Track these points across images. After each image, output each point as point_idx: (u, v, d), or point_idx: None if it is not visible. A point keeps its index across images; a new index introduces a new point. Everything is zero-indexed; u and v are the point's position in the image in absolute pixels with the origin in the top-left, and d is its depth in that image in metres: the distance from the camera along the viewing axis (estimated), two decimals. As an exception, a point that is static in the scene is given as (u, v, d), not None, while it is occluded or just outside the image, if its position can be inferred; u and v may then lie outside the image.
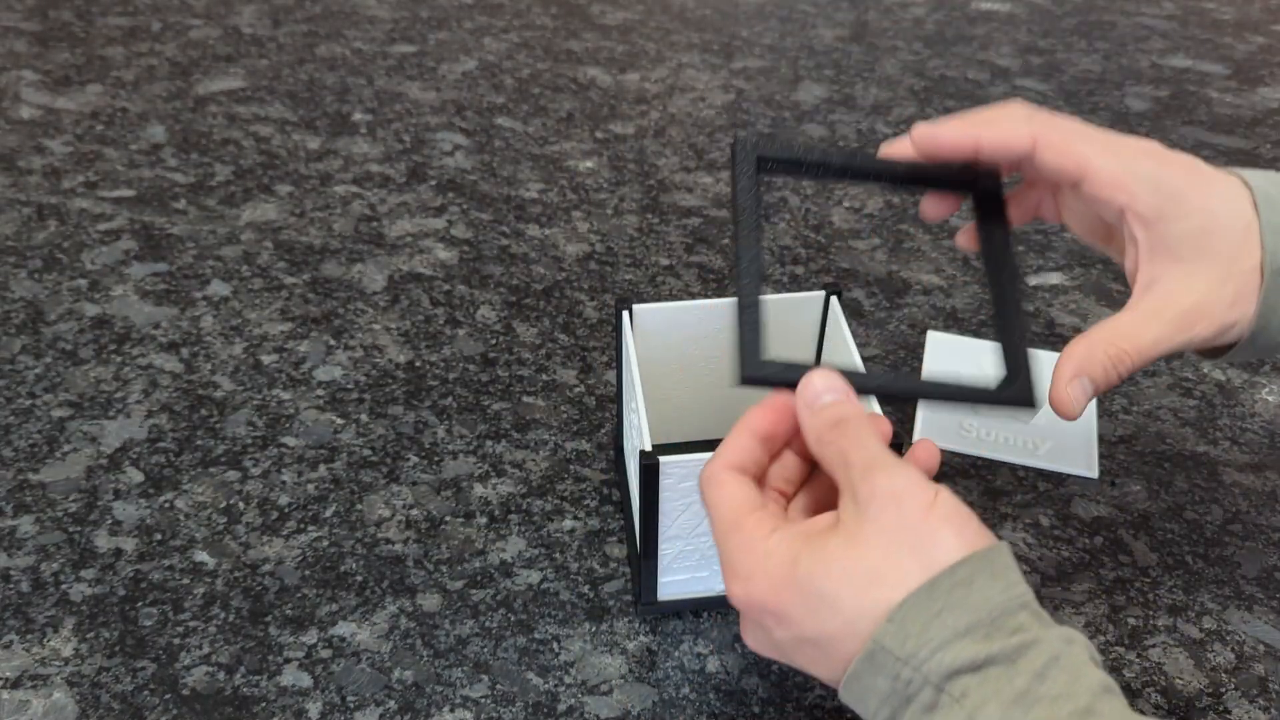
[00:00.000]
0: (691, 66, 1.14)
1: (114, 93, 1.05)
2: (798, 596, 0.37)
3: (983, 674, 0.34)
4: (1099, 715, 0.33)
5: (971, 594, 0.35)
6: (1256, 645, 0.57)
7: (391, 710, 0.52)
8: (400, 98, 1.06)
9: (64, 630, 0.56)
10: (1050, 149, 0.45)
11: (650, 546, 0.53)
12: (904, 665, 0.35)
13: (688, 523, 0.53)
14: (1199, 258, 0.44)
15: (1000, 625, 0.35)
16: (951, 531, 0.36)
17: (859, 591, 0.36)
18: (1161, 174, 0.45)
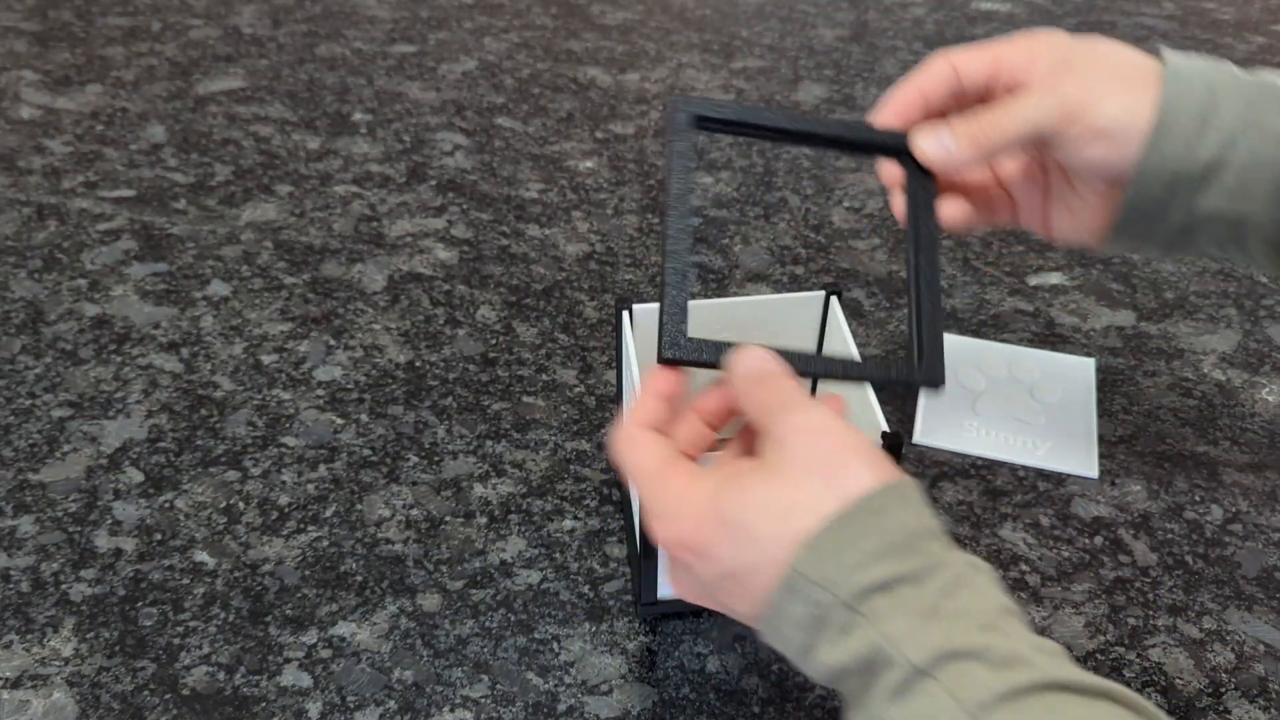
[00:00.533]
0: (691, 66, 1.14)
1: (114, 93, 1.05)
2: (719, 529, 0.39)
3: (893, 593, 0.36)
4: (1000, 631, 0.35)
5: (884, 520, 0.37)
6: (1256, 645, 0.57)
7: (391, 710, 0.52)
8: (400, 98, 1.06)
9: (64, 630, 0.56)
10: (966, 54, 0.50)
11: (650, 546, 0.53)
12: (819, 589, 0.36)
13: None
14: (1090, 71, 0.48)
15: (911, 548, 0.36)
16: (863, 463, 0.38)
17: (776, 520, 0.38)
18: (1066, 48, 0.50)
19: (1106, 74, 0.47)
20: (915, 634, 0.35)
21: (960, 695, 0.33)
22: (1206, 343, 0.77)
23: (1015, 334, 0.77)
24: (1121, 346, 0.76)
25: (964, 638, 0.35)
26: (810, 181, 0.95)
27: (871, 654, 0.35)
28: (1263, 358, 0.76)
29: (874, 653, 0.35)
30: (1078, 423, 0.69)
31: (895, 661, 0.35)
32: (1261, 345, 0.77)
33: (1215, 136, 0.45)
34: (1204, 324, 0.78)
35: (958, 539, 0.62)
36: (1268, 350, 0.77)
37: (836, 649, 0.36)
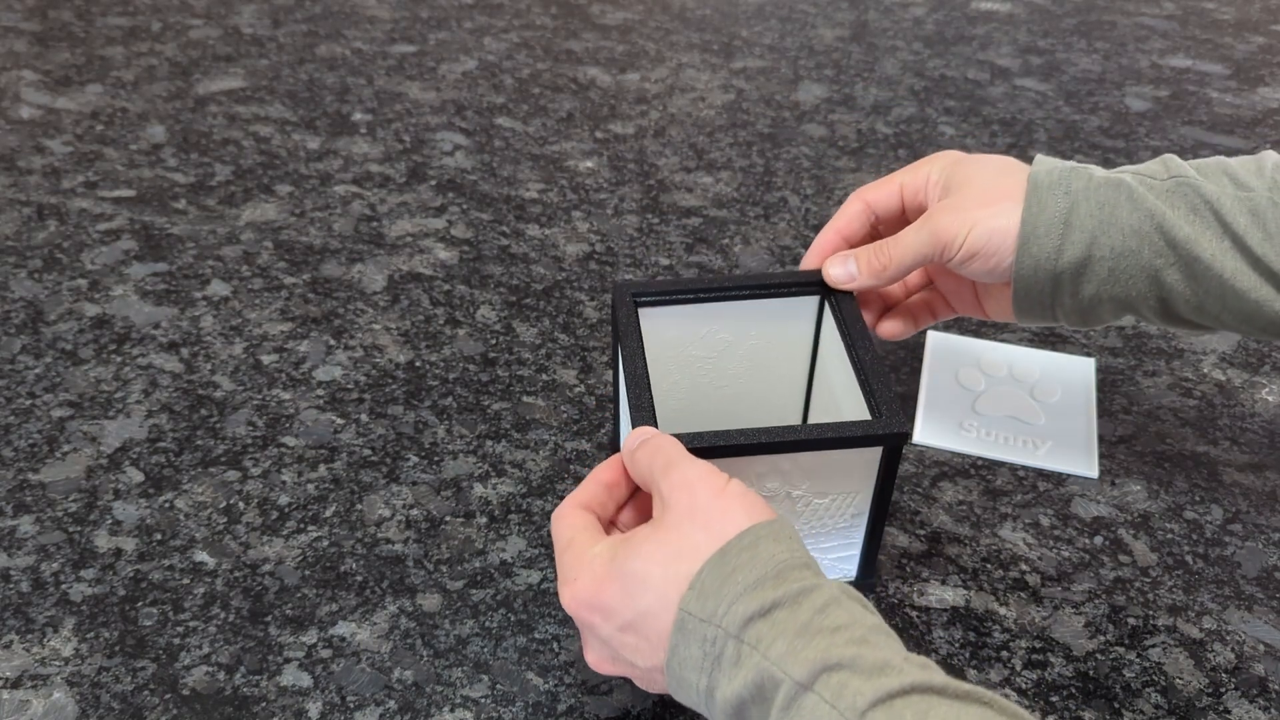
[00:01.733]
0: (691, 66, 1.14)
1: (114, 93, 1.05)
2: (615, 582, 0.42)
3: (771, 618, 0.39)
4: (871, 644, 0.38)
5: (757, 554, 0.40)
6: (1256, 645, 0.57)
7: (391, 710, 0.52)
8: (400, 98, 1.06)
9: (64, 630, 0.56)
10: (877, 190, 0.58)
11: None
12: (708, 625, 0.39)
13: None
14: (964, 196, 0.54)
15: (784, 576, 0.40)
16: (740, 508, 0.42)
17: (665, 566, 0.41)
18: (950, 172, 0.56)
19: (977, 197, 0.54)
20: (795, 652, 0.37)
21: (838, 704, 0.36)
22: (1206, 343, 0.77)
23: (1015, 334, 0.77)
24: (1121, 346, 0.76)
25: (838, 651, 0.37)
26: (810, 181, 0.95)
27: (760, 679, 0.38)
28: (1263, 358, 0.76)
29: (762, 677, 0.38)
30: (1078, 423, 0.69)
31: (780, 681, 0.37)
32: (1261, 345, 0.77)
33: (1078, 237, 0.52)
34: (1204, 324, 0.78)
35: (958, 539, 0.62)
36: (1267, 350, 0.77)
37: (733, 682, 0.39)
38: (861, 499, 0.53)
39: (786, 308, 0.60)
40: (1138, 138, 1.02)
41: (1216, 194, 0.51)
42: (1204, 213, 0.51)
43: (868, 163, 0.98)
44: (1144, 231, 0.51)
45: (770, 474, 0.51)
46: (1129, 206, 0.52)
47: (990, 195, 0.54)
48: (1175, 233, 0.51)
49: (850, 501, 0.53)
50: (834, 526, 0.55)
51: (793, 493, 0.52)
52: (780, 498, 0.53)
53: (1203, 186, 0.51)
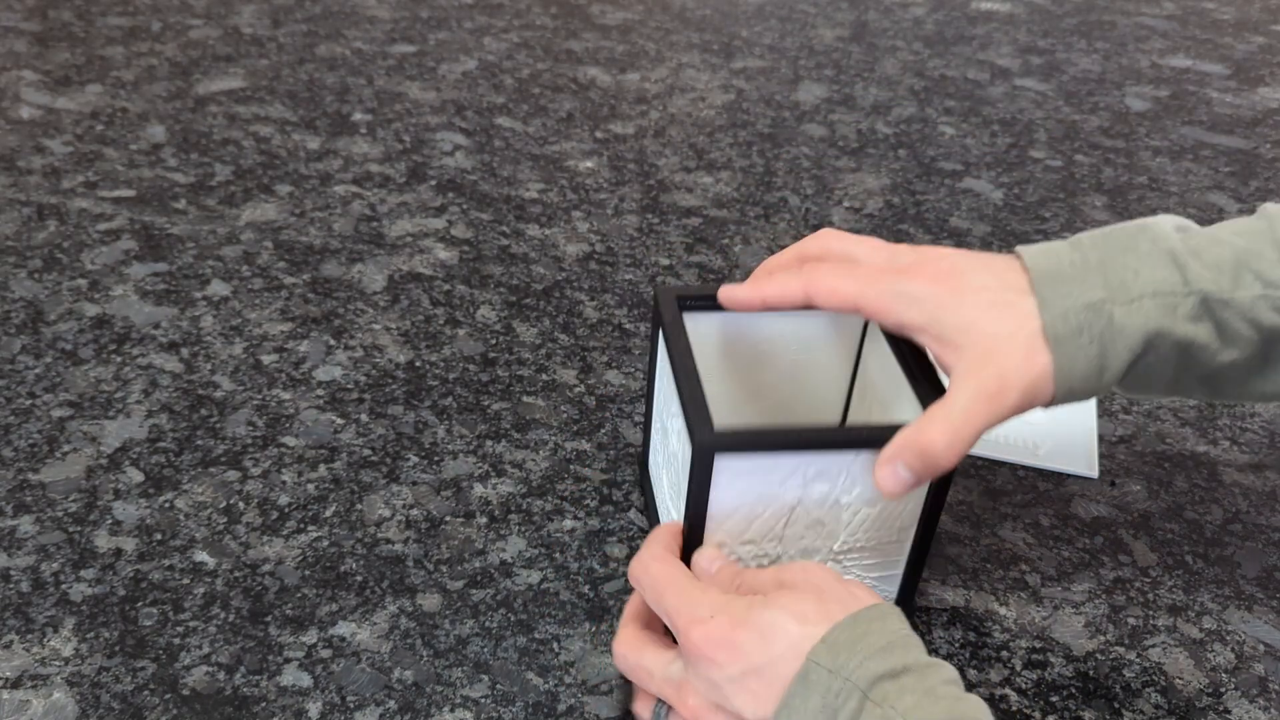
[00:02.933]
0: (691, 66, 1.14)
1: (114, 93, 1.05)
2: (754, 629, 0.44)
3: (899, 681, 0.41)
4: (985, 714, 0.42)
5: (887, 625, 0.44)
6: (1256, 645, 0.57)
7: (391, 710, 0.52)
8: (400, 98, 1.06)
9: (64, 630, 0.56)
10: (820, 296, 0.51)
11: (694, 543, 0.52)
12: (835, 677, 0.42)
13: (735, 527, 0.52)
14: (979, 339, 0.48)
15: (910, 647, 0.43)
16: (864, 589, 0.47)
17: (801, 624, 0.44)
18: (920, 288, 0.49)
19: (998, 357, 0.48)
20: (923, 707, 0.40)
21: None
22: (1206, 343, 0.77)
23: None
24: (1121, 346, 0.76)
25: (967, 712, 0.41)
26: (810, 181, 0.95)
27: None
28: (1263, 358, 0.76)
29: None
30: (1078, 423, 0.69)
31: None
32: (1261, 345, 0.77)
33: (1112, 372, 0.48)
34: (1204, 324, 0.78)
35: (958, 539, 0.62)
36: (1268, 350, 0.76)
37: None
38: (910, 512, 0.52)
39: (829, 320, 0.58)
40: (1138, 138, 1.02)
41: (1250, 305, 0.48)
42: (1239, 336, 0.48)
43: (868, 163, 0.98)
44: (1178, 360, 0.49)
45: (821, 478, 0.50)
46: (1159, 346, 0.48)
47: (1009, 348, 0.48)
48: (1210, 361, 0.49)
49: (899, 513, 0.52)
50: (880, 540, 0.54)
51: (842, 499, 0.51)
52: (829, 504, 0.51)
53: (1232, 301, 0.48)
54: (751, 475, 0.49)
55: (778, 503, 0.51)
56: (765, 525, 0.52)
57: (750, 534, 0.52)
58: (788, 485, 0.50)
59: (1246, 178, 0.98)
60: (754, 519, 0.51)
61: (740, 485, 0.49)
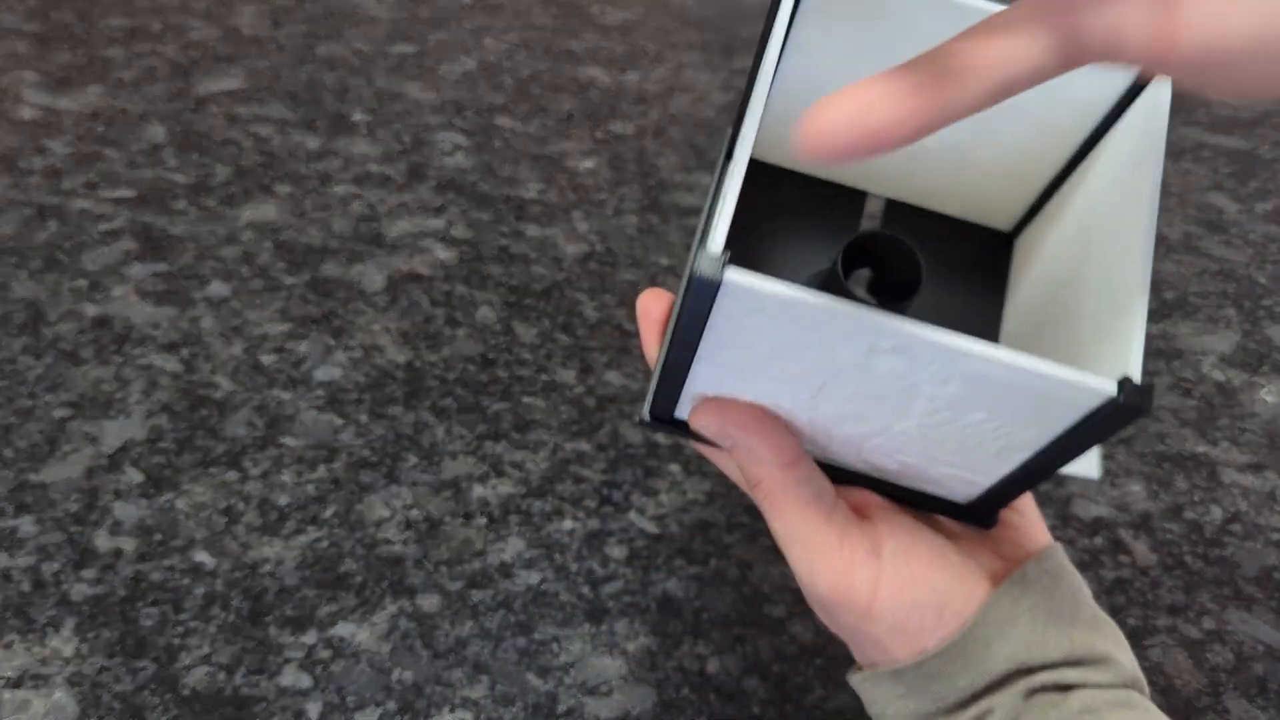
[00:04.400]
0: (691, 66, 1.14)
1: (114, 93, 1.05)
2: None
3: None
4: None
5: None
6: (1256, 645, 0.57)
7: (391, 711, 0.52)
8: (400, 98, 1.06)
9: (64, 630, 0.56)
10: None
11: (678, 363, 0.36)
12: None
13: (738, 357, 0.35)
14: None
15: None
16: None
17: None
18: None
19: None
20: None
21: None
22: (1206, 343, 0.77)
23: (1015, 334, 0.77)
24: (1121, 346, 0.76)
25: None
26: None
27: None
28: (1262, 358, 0.76)
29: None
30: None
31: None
32: (1261, 346, 0.77)
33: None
34: (1204, 324, 0.78)
35: (957, 539, 0.62)
36: (1267, 350, 0.77)
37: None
38: (1031, 439, 0.34)
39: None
40: (1138, 138, 1.02)
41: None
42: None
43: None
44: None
45: (898, 354, 0.32)
46: None
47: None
48: None
49: (1012, 432, 0.34)
50: (968, 448, 0.36)
51: (924, 388, 0.33)
52: (902, 387, 0.33)
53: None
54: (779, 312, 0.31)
55: (817, 358, 0.33)
56: (791, 373, 0.35)
57: (766, 378, 0.36)
58: (840, 345, 0.32)
59: (1246, 178, 0.98)
60: (774, 362, 0.35)
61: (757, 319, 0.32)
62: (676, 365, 0.35)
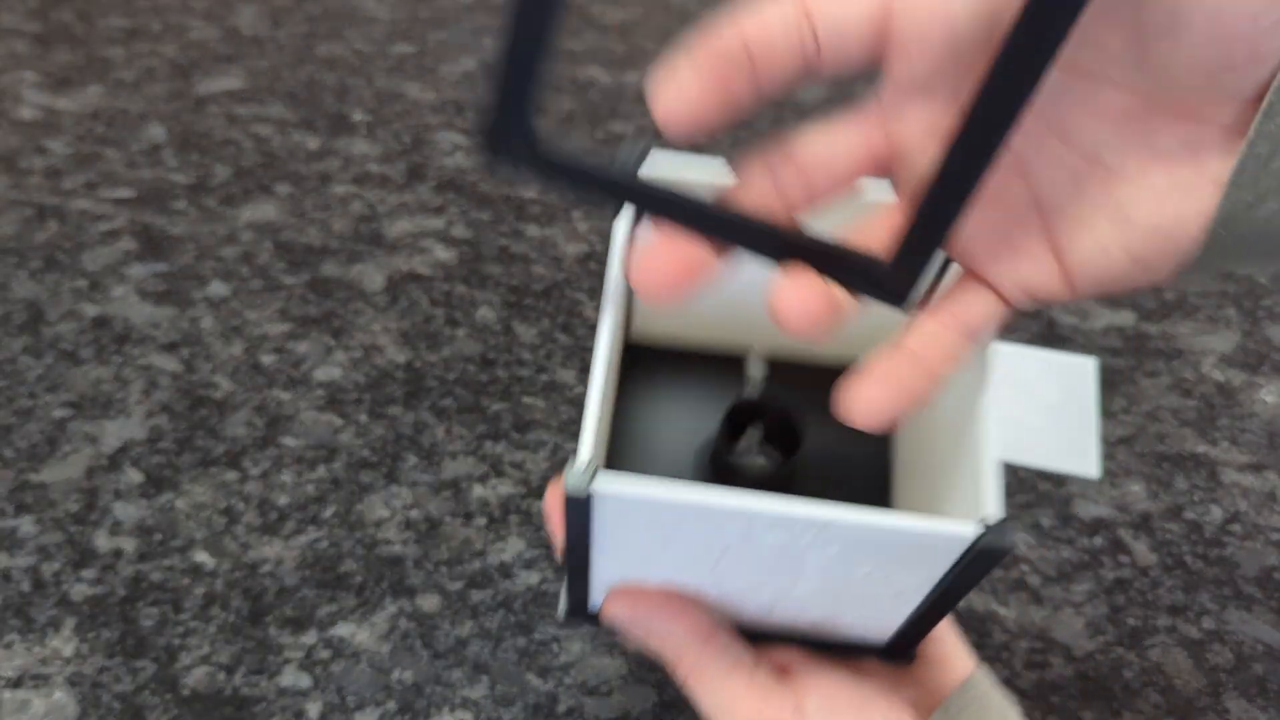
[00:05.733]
0: (691, 66, 1.14)
1: (114, 93, 1.05)
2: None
3: None
4: None
5: None
6: (1256, 645, 0.57)
7: (391, 711, 0.52)
8: (400, 98, 1.06)
9: (64, 630, 0.56)
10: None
11: (578, 560, 0.38)
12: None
13: (630, 553, 0.37)
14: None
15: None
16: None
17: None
18: None
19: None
20: None
21: None
22: (1206, 343, 0.77)
23: (1015, 334, 0.77)
24: (1121, 346, 0.76)
25: None
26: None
27: None
28: (1262, 358, 0.76)
29: None
30: (1078, 423, 0.69)
31: None
32: (1261, 346, 0.77)
33: None
34: (1204, 324, 0.78)
35: (957, 539, 0.62)
36: (1267, 350, 0.77)
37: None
38: (919, 582, 0.36)
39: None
40: (1138, 137, 1.02)
41: None
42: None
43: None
44: None
45: (776, 529, 0.34)
46: None
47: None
48: None
49: (903, 579, 0.36)
50: (865, 600, 0.38)
51: (809, 554, 0.35)
52: (789, 555, 0.35)
53: None
54: (651, 514, 0.34)
55: (700, 545, 0.35)
56: (683, 560, 0.37)
57: (662, 564, 0.38)
58: (718, 534, 0.34)
59: (1246, 177, 0.98)
60: (663, 551, 0.37)
61: (633, 525, 0.35)
62: (577, 565, 0.36)
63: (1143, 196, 0.27)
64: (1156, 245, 0.27)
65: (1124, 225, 0.28)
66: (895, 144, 0.30)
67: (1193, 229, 0.27)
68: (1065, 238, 0.29)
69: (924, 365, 0.30)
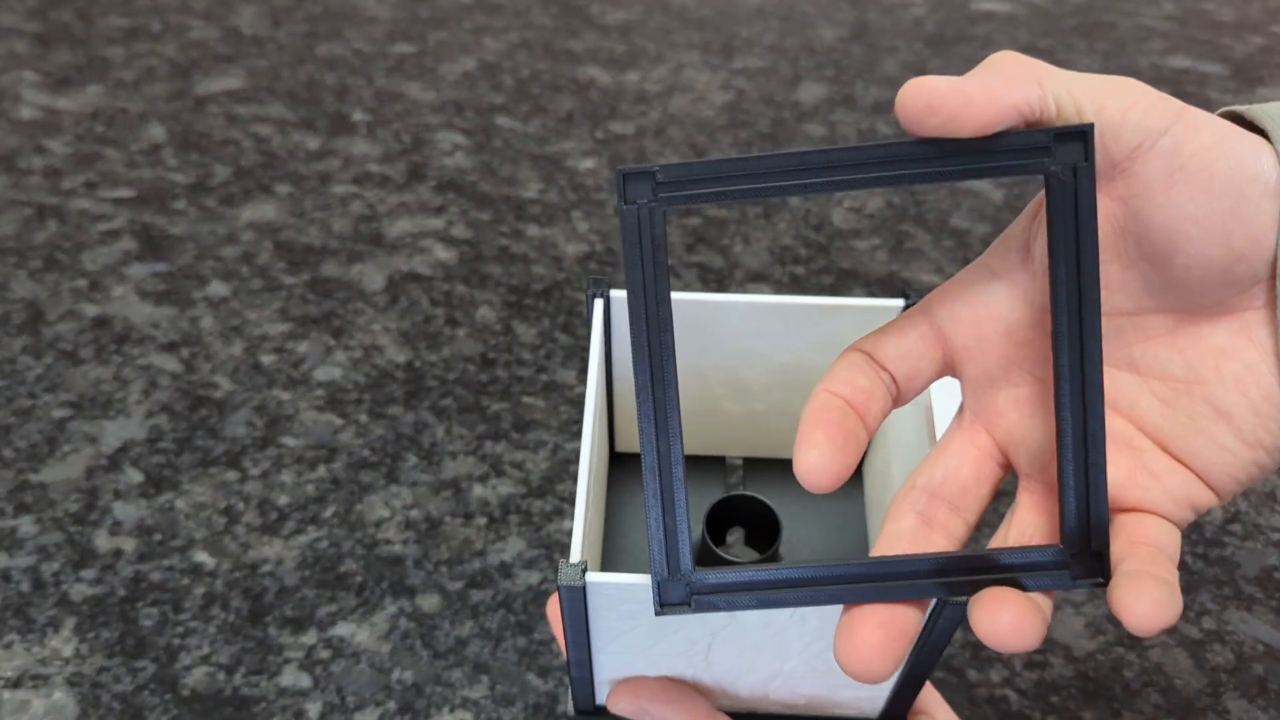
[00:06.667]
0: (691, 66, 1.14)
1: (114, 93, 1.05)
2: None
3: None
4: None
5: None
6: (1256, 645, 0.57)
7: (391, 711, 0.52)
8: (400, 98, 1.06)
9: (64, 630, 0.56)
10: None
11: (581, 658, 0.39)
12: None
13: (630, 642, 0.38)
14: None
15: None
16: None
17: None
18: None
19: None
20: None
21: None
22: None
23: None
24: (1121, 347, 0.76)
25: None
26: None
27: None
28: (1263, 358, 0.76)
29: None
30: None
31: None
32: (1261, 345, 0.77)
33: None
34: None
35: (957, 539, 0.62)
36: (1268, 350, 0.77)
37: None
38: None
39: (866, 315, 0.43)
40: (1138, 138, 1.02)
41: None
42: None
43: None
44: None
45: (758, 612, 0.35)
46: None
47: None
48: None
49: None
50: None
51: (791, 630, 0.36)
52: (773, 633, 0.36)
53: None
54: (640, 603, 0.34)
55: (692, 630, 0.37)
56: (678, 646, 0.38)
57: (658, 651, 0.38)
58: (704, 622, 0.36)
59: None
60: (660, 640, 0.38)
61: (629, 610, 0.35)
62: (579, 660, 0.38)
63: (1227, 389, 0.29)
64: (1263, 424, 0.29)
65: (1225, 418, 0.30)
66: (1001, 437, 0.34)
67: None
68: (1184, 449, 0.31)
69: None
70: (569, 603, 0.34)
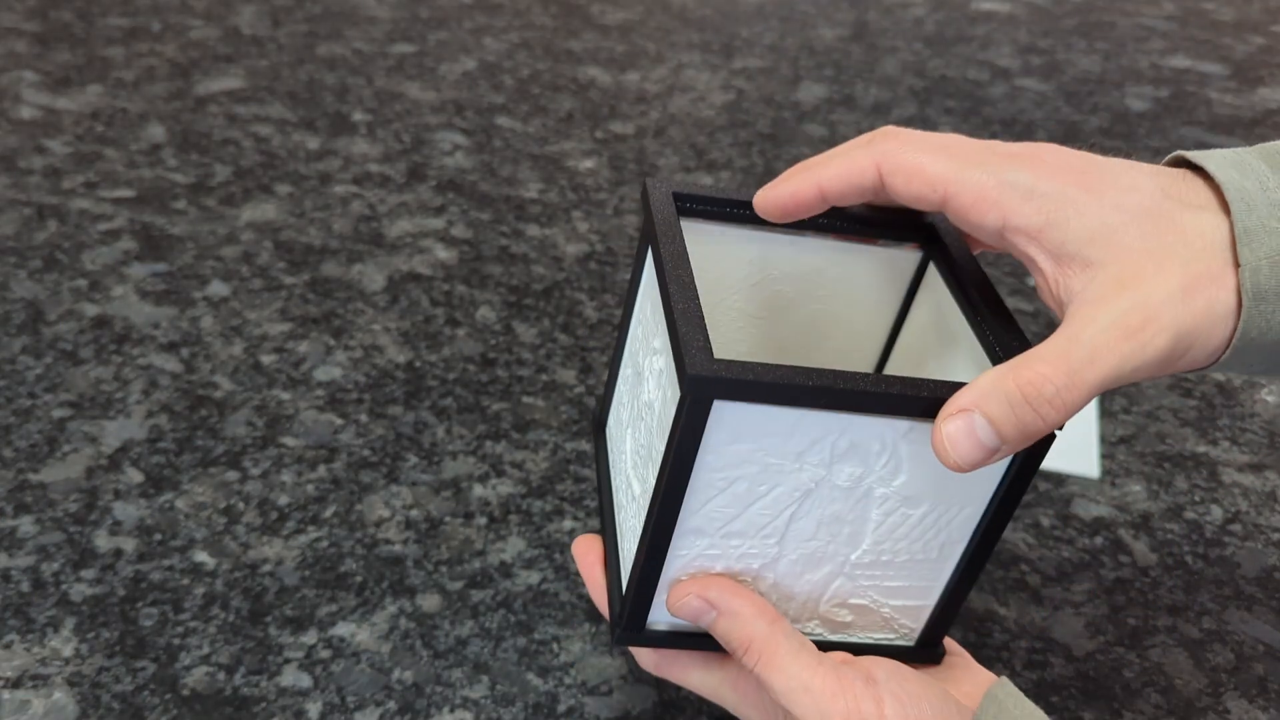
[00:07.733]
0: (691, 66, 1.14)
1: (114, 93, 1.05)
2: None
3: None
4: None
5: None
6: (1256, 645, 0.57)
7: (391, 711, 0.52)
8: (400, 98, 1.06)
9: (64, 630, 0.56)
10: (898, 174, 0.37)
11: (661, 541, 0.38)
12: None
13: (722, 511, 0.38)
14: (1118, 255, 0.35)
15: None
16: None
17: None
18: (1038, 178, 0.36)
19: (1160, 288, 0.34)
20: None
21: None
22: (1206, 343, 0.77)
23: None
24: (1121, 346, 0.76)
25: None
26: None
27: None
28: (1263, 358, 0.76)
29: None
30: (1078, 423, 0.69)
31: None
32: (1261, 345, 0.77)
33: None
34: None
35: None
36: (1268, 350, 0.77)
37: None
38: (962, 521, 0.39)
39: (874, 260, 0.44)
40: (1137, 138, 1.02)
41: None
42: None
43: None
44: None
45: (853, 454, 0.36)
46: None
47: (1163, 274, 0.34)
48: None
49: (947, 522, 0.39)
50: (914, 555, 0.40)
51: (876, 489, 0.37)
52: (858, 494, 0.37)
53: None
54: (759, 437, 0.35)
55: (788, 482, 0.37)
56: (764, 513, 0.38)
57: (741, 523, 0.38)
58: (807, 458, 0.36)
59: (1246, 178, 0.98)
60: (751, 501, 0.37)
61: (739, 450, 0.35)
62: (661, 527, 0.37)
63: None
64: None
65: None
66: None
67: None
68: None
69: None
70: (689, 419, 0.34)
